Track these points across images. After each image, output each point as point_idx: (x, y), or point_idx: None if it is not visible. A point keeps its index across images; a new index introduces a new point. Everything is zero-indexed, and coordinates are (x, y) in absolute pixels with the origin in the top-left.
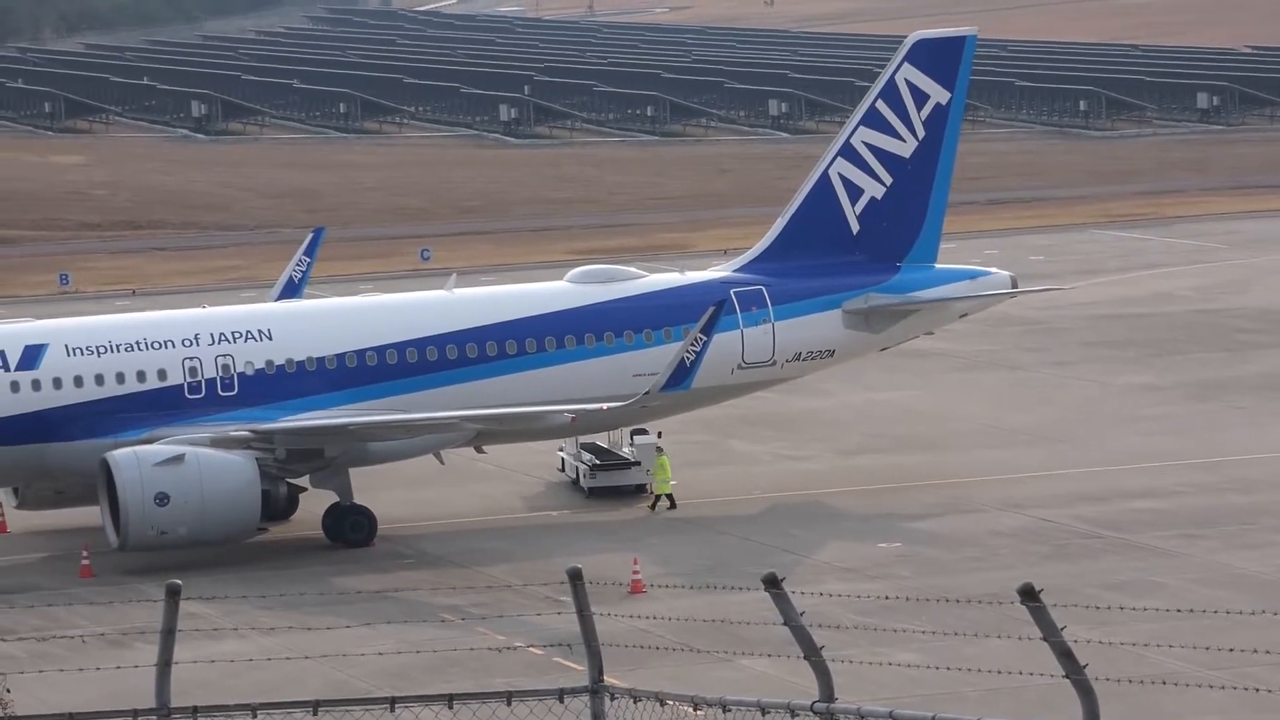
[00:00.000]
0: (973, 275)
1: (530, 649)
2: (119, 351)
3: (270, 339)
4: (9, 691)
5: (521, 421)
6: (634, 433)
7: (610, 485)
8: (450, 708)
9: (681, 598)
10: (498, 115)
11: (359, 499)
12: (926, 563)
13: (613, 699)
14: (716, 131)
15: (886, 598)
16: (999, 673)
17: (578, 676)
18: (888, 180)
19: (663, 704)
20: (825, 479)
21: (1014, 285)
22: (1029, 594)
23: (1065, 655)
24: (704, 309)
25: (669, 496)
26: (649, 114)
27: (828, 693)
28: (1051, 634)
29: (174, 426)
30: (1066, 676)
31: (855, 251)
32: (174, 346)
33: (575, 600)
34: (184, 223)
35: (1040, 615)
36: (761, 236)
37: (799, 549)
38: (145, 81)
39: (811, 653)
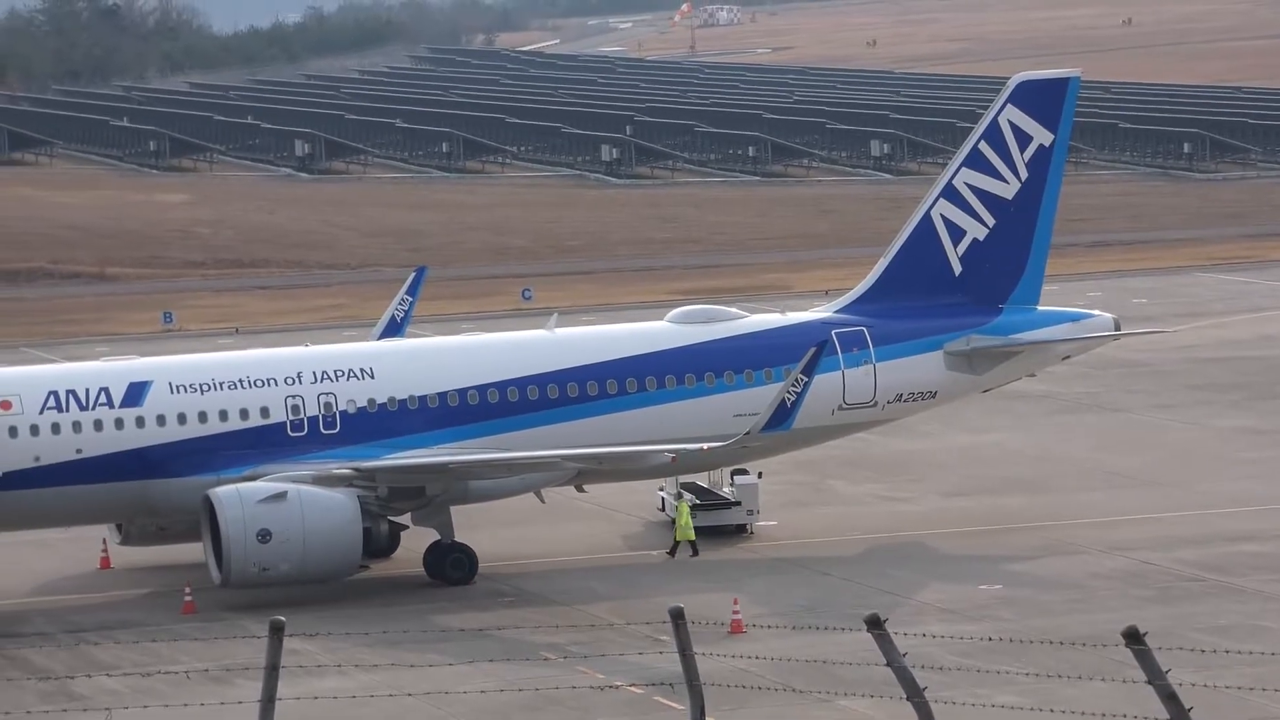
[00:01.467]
0: (1075, 317)
1: (631, 688)
2: (222, 389)
3: (372, 377)
4: None
5: (622, 461)
6: (734, 473)
7: (710, 525)
8: None
9: (781, 638)
10: (599, 155)
11: (460, 537)
12: (1027, 604)
13: None
14: (818, 172)
15: (988, 639)
16: (1101, 715)
17: (678, 716)
18: (990, 222)
19: None
20: (926, 520)
21: (1117, 328)
22: (1134, 637)
23: (1170, 699)
24: (805, 350)
25: (691, 543)
26: (750, 154)
27: None
28: (1156, 677)
29: (276, 464)
30: None
31: (957, 293)
32: (276, 384)
33: (677, 639)
34: (287, 261)
35: (1145, 658)
36: (863, 277)
37: (899, 590)
38: (249, 120)
39: (914, 694)
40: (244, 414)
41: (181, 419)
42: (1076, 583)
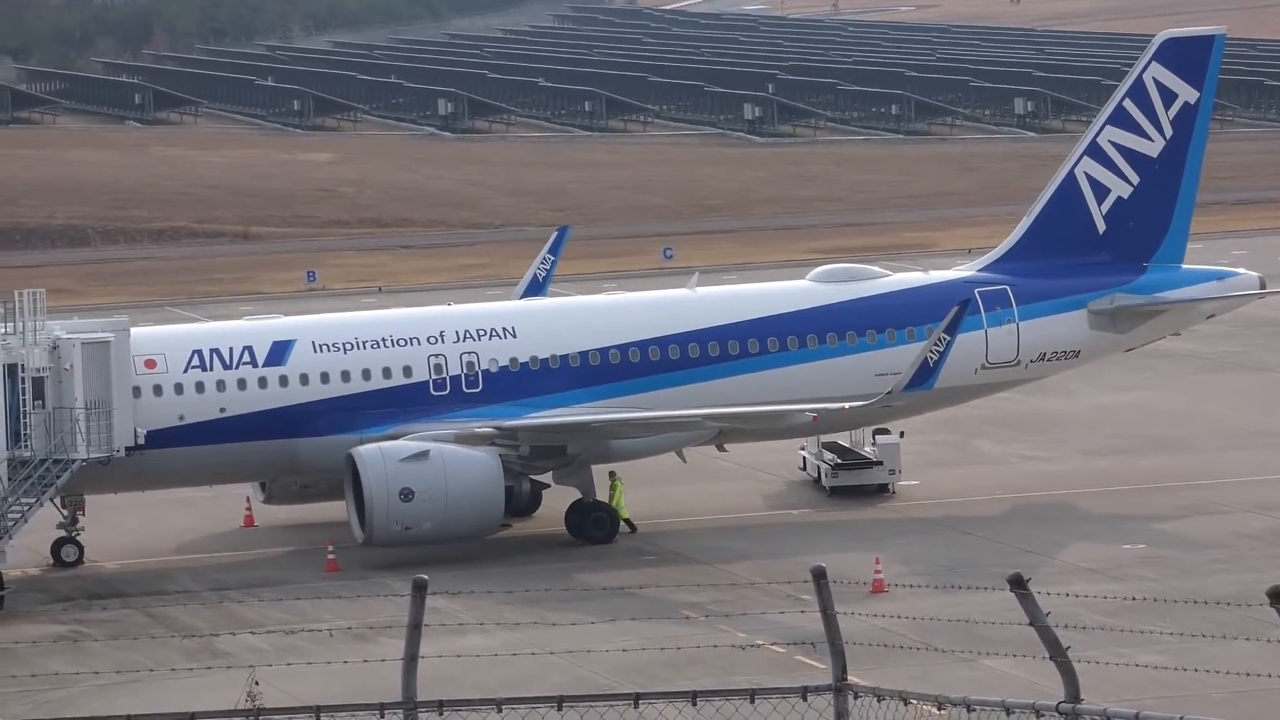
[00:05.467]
0: (1220, 276)
1: (772, 647)
2: (365, 348)
3: (514, 336)
4: (257, 684)
5: (763, 420)
6: (876, 432)
7: (852, 484)
8: (694, 704)
9: (923, 597)
10: (742, 114)
11: (601, 496)
12: (1171, 564)
13: (856, 698)
14: (961, 130)
15: (1131, 599)
16: (1246, 675)
17: (820, 675)
18: (1135, 180)
19: (906, 703)
20: (1069, 480)
21: (1262, 286)
22: (1278, 596)
23: None
24: (947, 309)
25: (627, 521)
26: (893, 112)
27: (1073, 693)
28: None
29: (419, 423)
30: None
31: (1101, 251)
32: (419, 344)
33: (819, 599)
34: (430, 220)
35: None
36: (1006, 236)
37: (1042, 549)
38: (392, 79)
39: (1057, 653)
40: (387, 373)
41: (324, 378)
42: (1221, 542)
